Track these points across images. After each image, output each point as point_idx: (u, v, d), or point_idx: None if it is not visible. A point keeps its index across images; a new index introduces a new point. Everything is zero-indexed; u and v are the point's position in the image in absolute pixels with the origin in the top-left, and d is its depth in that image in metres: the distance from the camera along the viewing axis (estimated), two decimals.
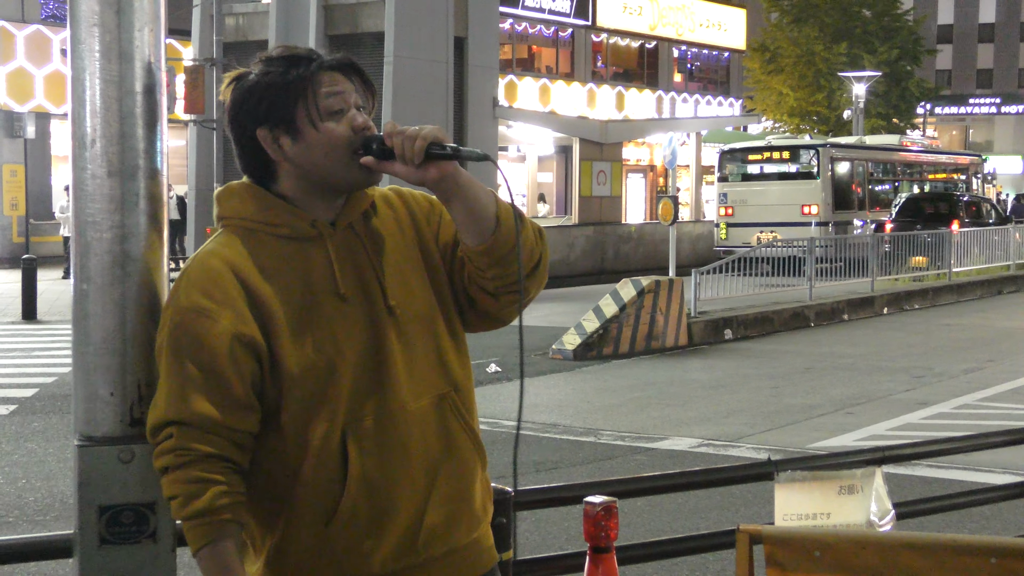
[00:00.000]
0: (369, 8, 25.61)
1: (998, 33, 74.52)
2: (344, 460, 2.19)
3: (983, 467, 7.89)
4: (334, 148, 2.23)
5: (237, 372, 2.12)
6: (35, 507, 7.22)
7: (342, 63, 2.31)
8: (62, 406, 10.42)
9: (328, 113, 2.24)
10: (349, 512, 2.19)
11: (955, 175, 33.19)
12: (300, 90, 2.23)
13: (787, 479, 3.02)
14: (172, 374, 2.10)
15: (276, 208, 2.25)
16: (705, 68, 44.49)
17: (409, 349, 2.28)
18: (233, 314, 2.13)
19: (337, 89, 2.26)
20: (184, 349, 2.10)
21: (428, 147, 2.18)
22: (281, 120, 2.23)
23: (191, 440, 2.06)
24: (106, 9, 2.08)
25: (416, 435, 2.26)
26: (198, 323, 2.11)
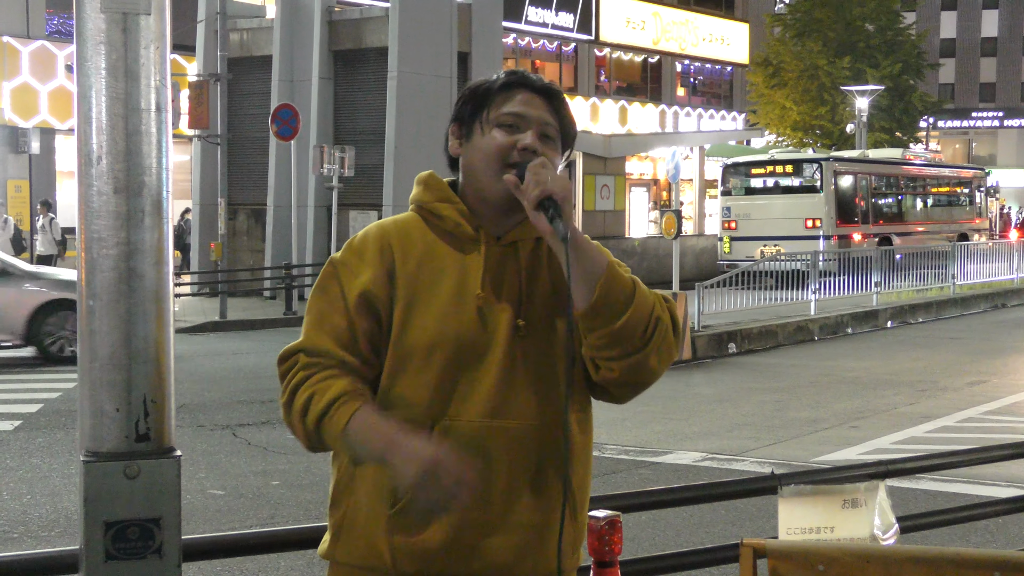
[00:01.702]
0: (373, 24, 25.68)
1: (1000, 47, 74.59)
2: None
3: (987, 480, 7.88)
4: (488, 155, 2.35)
5: (360, 325, 2.32)
6: (40, 523, 7.22)
7: (547, 90, 2.40)
8: (66, 422, 10.43)
9: (499, 124, 2.36)
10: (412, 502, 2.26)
11: (958, 189, 33.18)
12: (484, 98, 2.39)
13: (791, 493, 3.03)
14: (310, 311, 2.37)
15: (449, 203, 2.40)
16: (708, 82, 44.55)
17: (527, 373, 2.34)
18: (370, 275, 2.34)
19: (520, 110, 2.36)
20: (324, 291, 2.37)
21: (541, 199, 2.25)
22: (464, 119, 2.41)
23: (315, 364, 2.31)
24: (113, 28, 2.09)
25: (505, 459, 2.31)
26: (341, 273, 2.37)
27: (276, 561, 6.09)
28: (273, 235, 25.87)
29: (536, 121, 2.37)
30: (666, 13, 40.63)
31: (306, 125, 24.24)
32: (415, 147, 24.34)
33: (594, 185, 29.19)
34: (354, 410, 2.25)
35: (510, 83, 2.39)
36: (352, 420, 2.24)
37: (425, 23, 24.77)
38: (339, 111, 26.14)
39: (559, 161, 2.42)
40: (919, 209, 30.98)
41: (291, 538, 3.42)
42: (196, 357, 15.37)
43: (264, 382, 13.19)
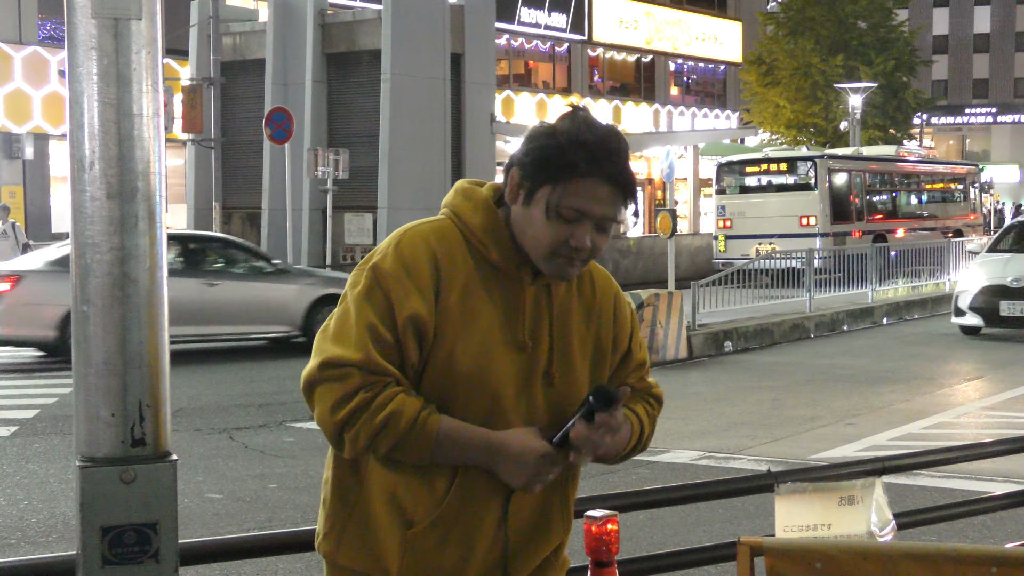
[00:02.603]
0: (366, 26, 25.68)
1: (993, 43, 74.72)
2: (450, 485, 2.33)
3: (984, 476, 7.89)
4: (541, 238, 2.30)
5: (407, 348, 2.28)
6: (37, 529, 7.22)
7: (622, 183, 2.32)
8: (63, 427, 10.42)
9: (559, 215, 2.29)
10: (432, 527, 2.33)
11: (952, 185, 33.22)
12: (563, 175, 2.27)
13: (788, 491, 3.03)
14: (358, 316, 2.27)
15: (498, 235, 2.35)
16: (702, 81, 44.59)
17: (550, 419, 2.38)
18: (421, 300, 2.27)
19: (585, 207, 2.29)
20: (376, 304, 2.27)
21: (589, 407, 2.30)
22: (530, 178, 2.30)
23: (377, 383, 2.25)
24: (104, 33, 2.09)
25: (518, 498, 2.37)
26: (393, 289, 2.27)
27: (274, 564, 6.08)
28: (268, 238, 25.86)
29: (598, 218, 2.32)
30: (659, 12, 40.66)
31: (300, 128, 24.23)
32: (409, 149, 24.34)
33: None
34: (439, 420, 2.27)
35: (584, 173, 2.29)
36: (442, 429, 2.27)
37: (418, 25, 24.77)
38: (333, 114, 26.14)
39: (606, 240, 2.39)
40: (914, 206, 31.02)
41: (289, 541, 3.42)
42: (192, 361, 15.36)
43: (261, 386, 13.18)
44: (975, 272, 17.08)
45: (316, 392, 2.29)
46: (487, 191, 2.41)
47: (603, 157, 2.29)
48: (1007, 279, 16.29)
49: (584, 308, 2.46)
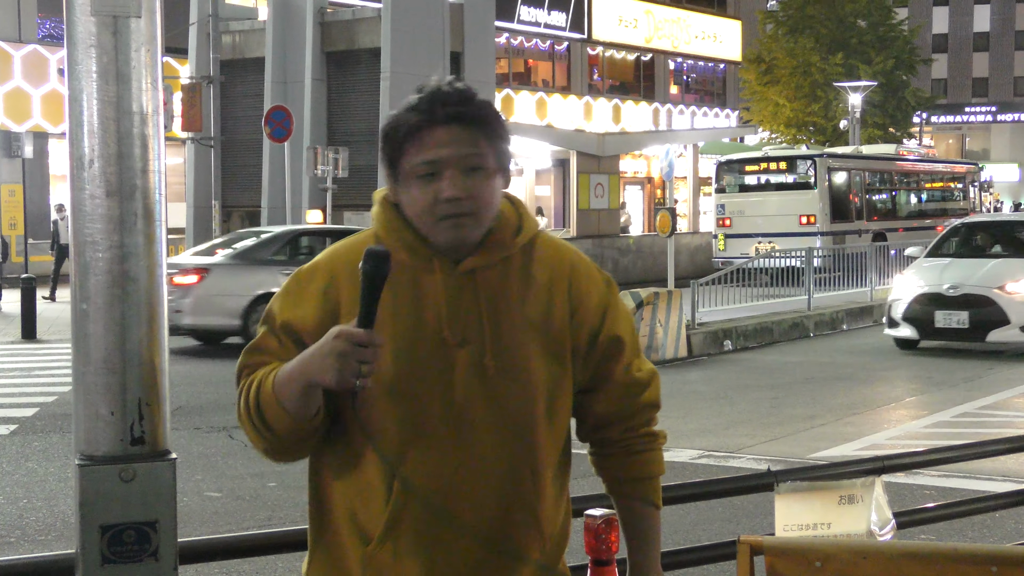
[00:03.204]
0: (365, 24, 25.68)
1: (993, 42, 74.72)
2: (389, 497, 2.20)
3: (983, 475, 7.89)
4: (415, 212, 2.22)
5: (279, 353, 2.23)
6: (36, 527, 7.21)
7: (458, 117, 2.21)
8: (63, 425, 10.42)
9: (414, 176, 2.21)
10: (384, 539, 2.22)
11: (952, 184, 33.24)
12: (400, 144, 2.22)
13: (788, 489, 3.03)
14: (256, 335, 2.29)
15: (400, 233, 2.26)
16: (701, 80, 44.60)
17: (494, 412, 2.22)
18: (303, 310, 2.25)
19: (432, 157, 2.19)
20: (268, 312, 2.28)
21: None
22: (387, 163, 2.26)
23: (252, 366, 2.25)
24: (103, 31, 2.09)
25: (469, 499, 2.21)
26: (275, 306, 2.28)
27: (273, 563, 6.08)
28: None
29: (453, 160, 2.19)
30: (658, 11, 40.66)
31: (299, 126, 24.23)
32: None
33: (588, 184, 29.20)
34: (275, 369, 2.18)
35: (415, 126, 2.20)
36: (276, 377, 2.17)
37: (417, 23, 24.77)
38: (332, 112, 26.14)
39: (497, 180, 2.25)
40: (913, 204, 31.03)
41: (288, 540, 3.41)
42: (191, 359, 15.36)
43: None
44: (910, 278, 15.47)
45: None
46: (386, 197, 2.33)
47: (433, 105, 2.20)
48: (943, 286, 14.68)
49: (530, 291, 2.27)
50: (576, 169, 29.49)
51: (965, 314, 14.48)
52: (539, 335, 2.26)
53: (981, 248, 16.32)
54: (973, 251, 16.19)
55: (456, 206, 2.18)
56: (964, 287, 14.60)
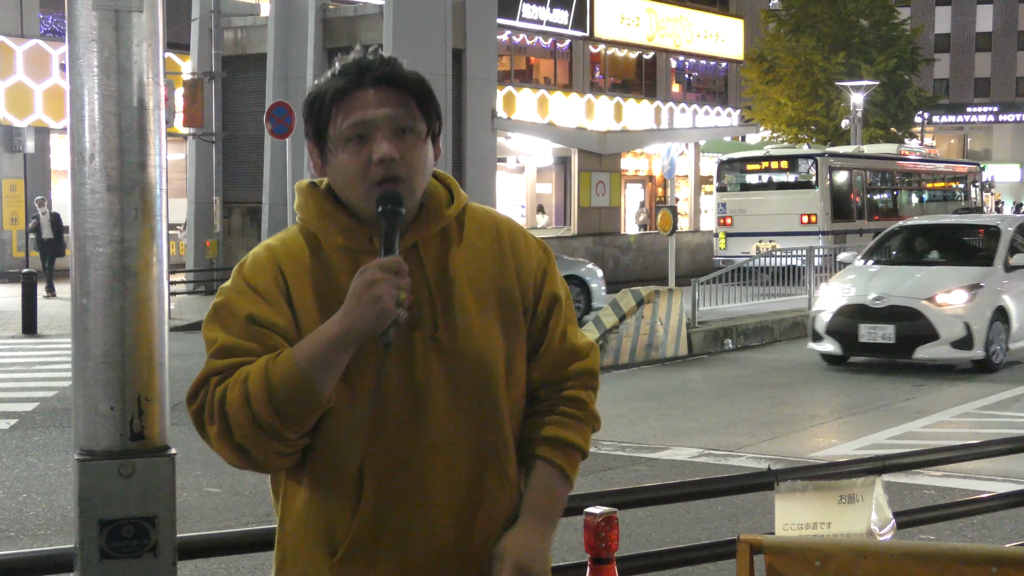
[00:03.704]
0: (367, 21, 25.66)
1: (995, 42, 74.68)
2: (359, 492, 2.12)
3: (983, 475, 7.89)
4: (346, 180, 2.16)
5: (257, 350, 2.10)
6: (36, 522, 7.21)
7: (385, 78, 2.16)
8: (63, 420, 10.42)
9: (344, 141, 2.14)
10: (355, 547, 2.13)
11: (953, 184, 33.23)
12: (325, 111, 2.16)
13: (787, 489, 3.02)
14: (207, 344, 2.15)
15: (334, 216, 2.19)
16: (703, 78, 44.57)
17: (454, 387, 2.15)
18: (267, 307, 2.13)
19: (359, 118, 2.13)
20: (222, 323, 2.14)
21: None
22: (314, 138, 2.21)
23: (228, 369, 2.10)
24: (104, 25, 2.08)
25: (442, 479, 2.14)
26: (231, 302, 2.15)
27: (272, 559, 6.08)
28: (268, 233, 25.83)
29: (383, 121, 2.14)
30: (661, 9, 40.63)
31: (301, 123, 24.19)
32: None
33: (589, 182, 29.20)
34: (273, 359, 2.07)
35: (342, 90, 2.14)
36: (294, 353, 2.06)
37: (419, 20, 24.76)
38: None
39: (428, 146, 2.18)
40: (914, 204, 31.02)
41: None
42: (192, 355, 15.33)
43: None
44: (836, 287, 14.14)
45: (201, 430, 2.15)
46: (309, 183, 2.28)
47: (360, 69, 2.16)
48: (868, 296, 13.30)
49: (474, 259, 2.22)
50: (577, 167, 29.49)
51: (891, 328, 13.01)
52: (491, 302, 2.21)
53: (919, 254, 14.82)
54: (910, 257, 14.75)
55: (389, 167, 2.12)
56: (890, 298, 13.15)
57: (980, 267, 13.70)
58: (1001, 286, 13.50)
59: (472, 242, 2.24)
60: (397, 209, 2.09)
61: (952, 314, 12.94)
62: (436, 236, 2.21)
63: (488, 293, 2.21)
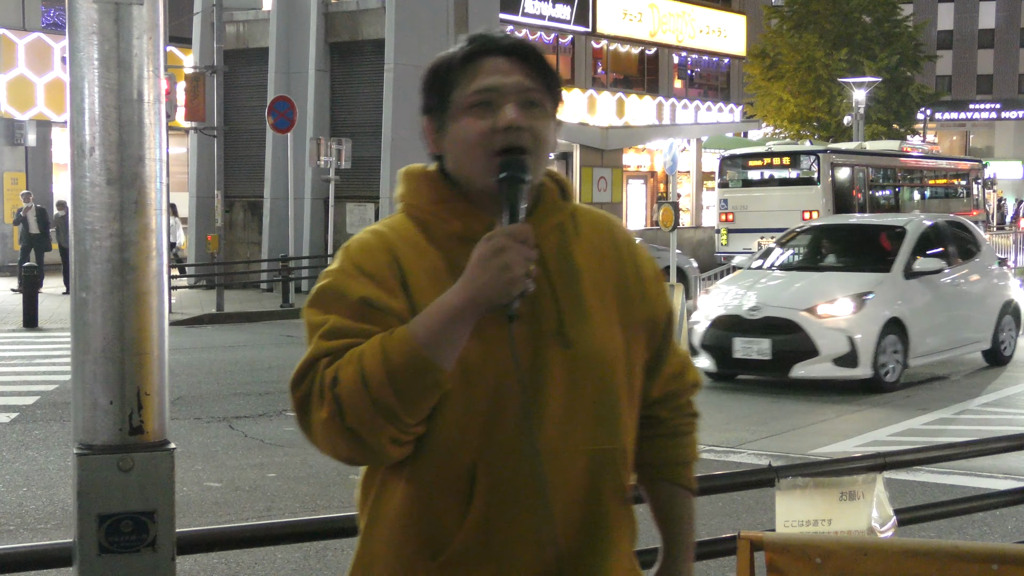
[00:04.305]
0: (370, 15, 25.63)
1: (998, 38, 74.58)
2: (469, 494, 1.97)
3: (985, 473, 7.88)
4: (467, 147, 2.01)
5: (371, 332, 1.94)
6: (36, 515, 7.21)
7: (514, 49, 2.04)
8: (63, 414, 10.42)
9: (469, 107, 2.01)
10: (461, 553, 1.97)
11: (955, 180, 33.20)
12: (449, 78, 2.04)
13: (788, 485, 3.02)
14: (311, 334, 1.98)
15: (451, 202, 2.05)
16: (705, 74, 44.51)
17: (575, 388, 2.00)
18: (379, 289, 1.98)
19: (490, 83, 2.00)
20: (327, 306, 1.98)
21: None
22: (434, 109, 2.08)
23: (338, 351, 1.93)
24: (105, 18, 2.08)
25: (559, 487, 1.99)
26: (341, 284, 2.00)
27: (272, 553, 6.07)
28: (270, 228, 25.85)
29: (513, 90, 2.00)
30: (663, 5, 40.58)
31: (302, 117, 24.21)
32: (412, 139, 24.28)
33: (591, 177, 29.17)
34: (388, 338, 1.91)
35: (472, 53, 2.03)
36: (411, 328, 1.90)
37: (422, 15, 24.73)
38: (336, 103, 26.11)
39: (552, 126, 2.07)
40: (916, 201, 30.99)
41: (287, 531, 3.41)
42: (193, 350, 15.36)
43: (261, 374, 13.17)
44: (716, 294, 12.75)
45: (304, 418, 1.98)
46: (423, 168, 2.14)
47: (488, 40, 2.04)
48: (744, 307, 11.87)
49: (592, 253, 2.09)
50: (579, 163, 29.46)
51: (767, 342, 11.52)
52: (611, 302, 2.08)
53: (820, 257, 13.59)
54: (809, 261, 13.48)
55: (516, 136, 1.99)
56: (767, 308, 11.68)
57: (874, 273, 12.17)
58: (897, 295, 12.02)
59: (589, 239, 2.11)
60: (521, 175, 1.96)
61: (834, 327, 11.41)
62: (554, 230, 2.07)
63: (608, 293, 2.08)
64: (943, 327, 12.50)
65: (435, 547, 1.98)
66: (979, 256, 13.70)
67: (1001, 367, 13.47)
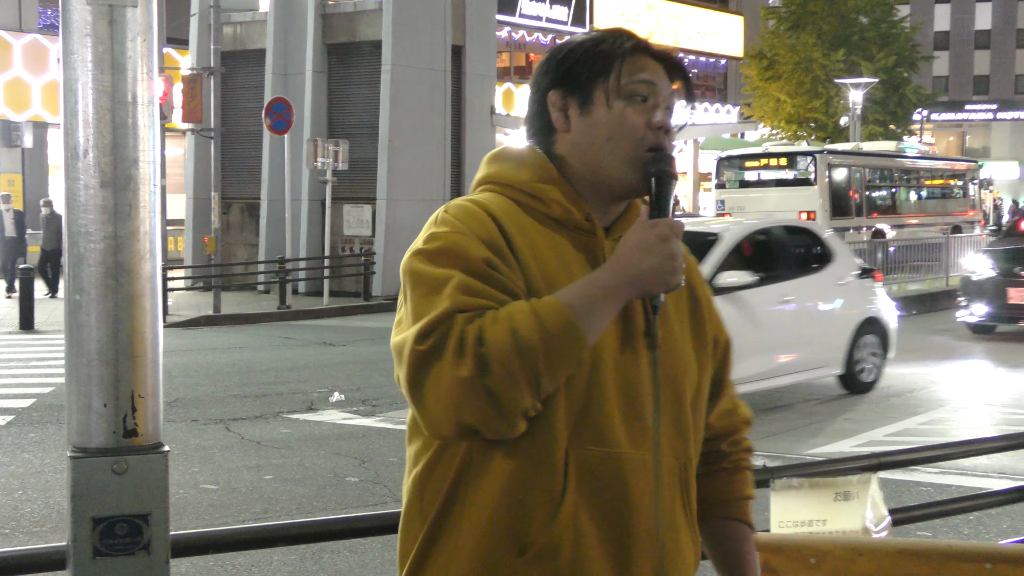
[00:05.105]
0: (367, 17, 25.63)
1: (994, 39, 74.66)
2: (563, 486, 1.89)
3: (979, 472, 7.89)
4: (619, 135, 1.97)
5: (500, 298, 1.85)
6: (31, 518, 7.21)
7: (668, 57, 2.04)
8: (59, 417, 10.41)
9: (628, 96, 1.98)
10: (551, 547, 1.88)
11: (952, 181, 33.23)
12: (608, 62, 1.99)
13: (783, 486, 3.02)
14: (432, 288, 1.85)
15: (556, 184, 1.99)
16: (703, 75, 44.54)
17: (656, 394, 1.97)
18: (492, 250, 1.89)
19: (649, 78, 1.99)
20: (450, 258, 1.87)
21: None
22: (577, 86, 2.00)
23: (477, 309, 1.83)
24: (98, 20, 2.08)
25: (648, 495, 1.93)
26: (462, 243, 1.89)
27: (268, 556, 6.07)
28: (267, 229, 25.84)
29: (664, 92, 2.00)
30: (660, 6, 40.62)
31: (300, 119, 24.20)
32: (409, 141, 24.32)
33: None
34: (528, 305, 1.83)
35: (637, 50, 2.01)
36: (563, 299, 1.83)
37: (419, 16, 24.74)
38: (333, 105, 26.11)
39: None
40: (913, 202, 31.03)
41: (284, 533, 3.41)
42: (190, 351, 15.35)
43: (258, 376, 13.16)
44: None
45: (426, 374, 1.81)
46: (528, 146, 2.06)
47: (640, 40, 2.04)
48: None
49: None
50: None
51: None
52: (685, 317, 2.08)
53: None
54: None
55: (665, 138, 1.99)
56: None
57: None
58: None
59: None
60: (672, 171, 1.96)
61: None
62: None
63: (684, 308, 2.08)
64: (763, 351, 10.33)
65: (522, 542, 1.88)
66: (830, 267, 11.59)
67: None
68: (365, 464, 8.66)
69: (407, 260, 1.93)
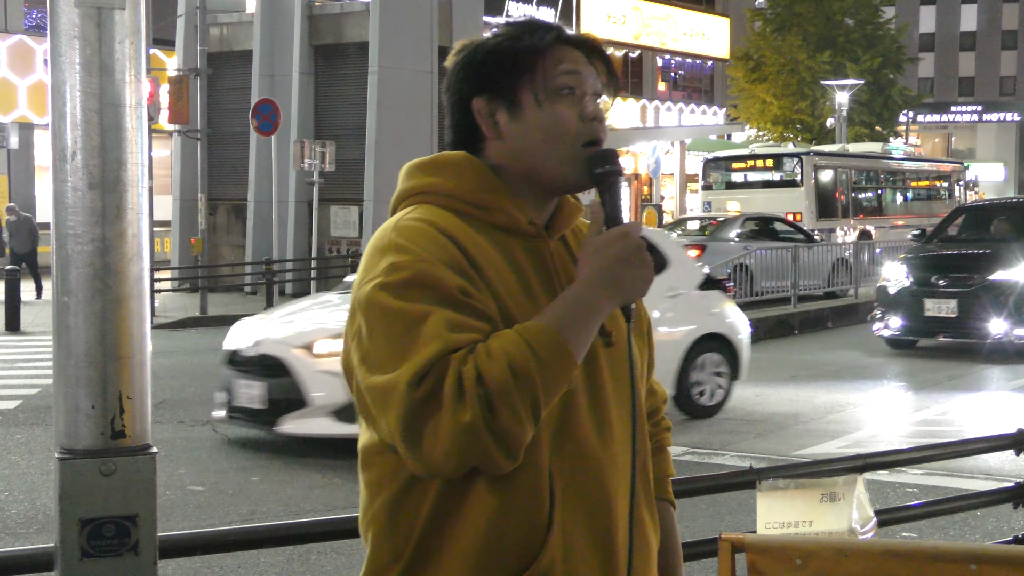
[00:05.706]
0: (354, 18, 25.62)
1: (979, 41, 74.96)
2: (549, 506, 1.84)
3: (965, 473, 7.92)
4: (556, 134, 1.91)
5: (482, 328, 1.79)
6: (17, 520, 7.19)
7: (584, 42, 1.98)
8: (45, 418, 10.38)
9: (557, 92, 1.91)
10: (545, 569, 1.83)
11: (937, 183, 33.35)
12: (530, 60, 1.93)
13: (769, 487, 3.03)
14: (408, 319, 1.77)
15: (499, 193, 1.91)
16: (689, 77, 44.65)
17: (617, 394, 1.94)
18: (460, 275, 1.81)
19: (573, 68, 1.93)
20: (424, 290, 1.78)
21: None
22: (502, 90, 1.93)
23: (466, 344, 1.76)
24: (86, 22, 2.08)
25: (624, 495, 1.92)
26: (431, 272, 1.79)
27: (256, 557, 6.07)
28: (254, 230, 25.81)
29: (591, 82, 1.94)
30: (647, 8, 40.69)
31: (286, 120, 24.17)
32: (396, 142, 24.32)
33: None
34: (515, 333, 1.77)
35: (558, 39, 1.95)
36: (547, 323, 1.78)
37: (406, 17, 24.74)
38: (320, 106, 26.09)
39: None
40: (899, 203, 31.13)
41: (271, 534, 3.41)
42: (177, 353, 15.32)
43: None
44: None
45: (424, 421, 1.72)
46: (464, 154, 1.97)
47: (558, 28, 1.98)
48: (250, 340, 9.14)
49: None
50: None
51: (262, 387, 8.73)
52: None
53: None
54: None
55: (601, 129, 1.93)
56: (266, 343, 8.94)
57: None
58: None
59: None
60: (617, 168, 1.90)
61: (336, 371, 7.44)
62: (570, 228, 2.03)
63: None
64: None
65: (515, 568, 1.83)
66: (660, 277, 8.62)
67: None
68: (352, 466, 8.65)
69: (369, 293, 1.82)
